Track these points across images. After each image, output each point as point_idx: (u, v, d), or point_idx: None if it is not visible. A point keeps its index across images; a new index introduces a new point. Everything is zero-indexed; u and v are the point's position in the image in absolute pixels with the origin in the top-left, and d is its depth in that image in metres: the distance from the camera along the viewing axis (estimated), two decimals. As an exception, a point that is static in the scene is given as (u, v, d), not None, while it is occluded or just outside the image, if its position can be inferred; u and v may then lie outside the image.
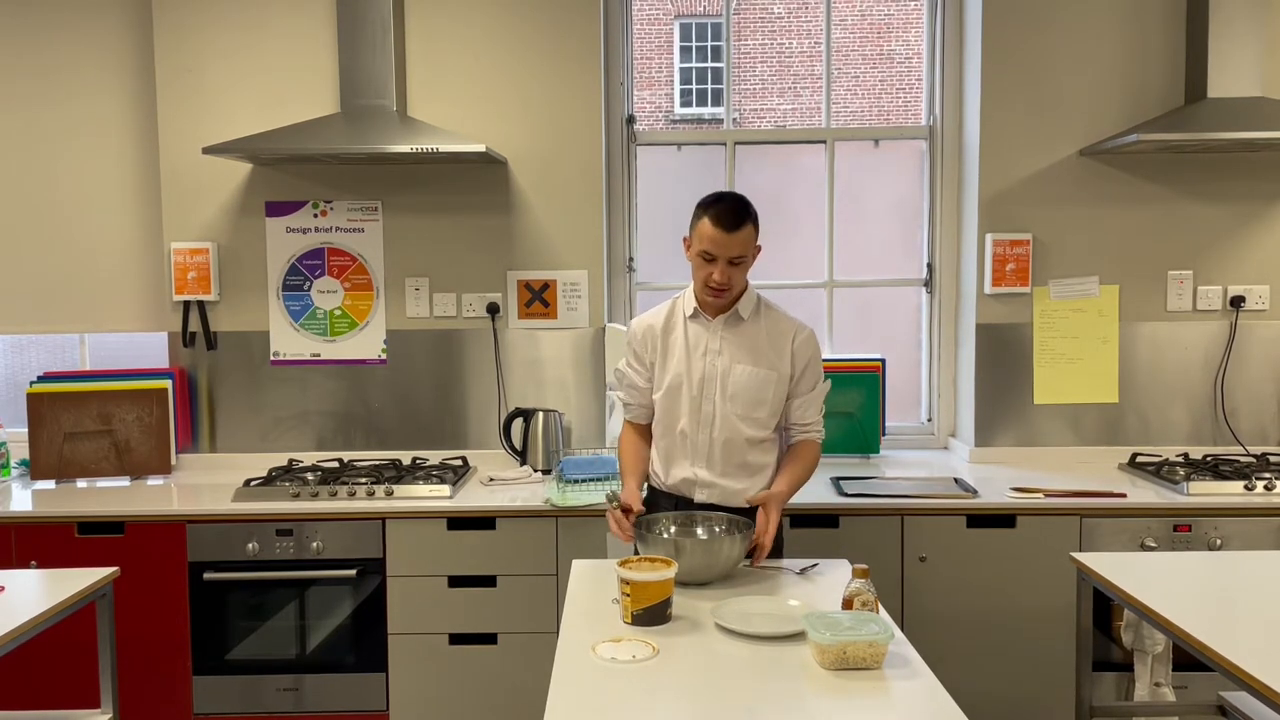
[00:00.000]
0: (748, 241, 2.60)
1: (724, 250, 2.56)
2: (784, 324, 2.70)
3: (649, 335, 2.75)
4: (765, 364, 2.66)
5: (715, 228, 2.56)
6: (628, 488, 2.67)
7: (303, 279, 3.79)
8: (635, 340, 2.79)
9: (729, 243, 2.56)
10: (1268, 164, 3.67)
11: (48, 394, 3.64)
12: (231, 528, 3.23)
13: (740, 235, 2.57)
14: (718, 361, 2.66)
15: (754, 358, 2.66)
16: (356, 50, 3.58)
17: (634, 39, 4.00)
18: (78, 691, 3.22)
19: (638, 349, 2.78)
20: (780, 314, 2.73)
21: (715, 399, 2.66)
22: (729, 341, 2.67)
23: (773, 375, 2.66)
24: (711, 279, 2.59)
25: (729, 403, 2.65)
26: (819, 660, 1.98)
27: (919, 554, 3.21)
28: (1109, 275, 3.71)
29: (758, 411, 2.66)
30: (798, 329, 2.70)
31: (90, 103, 3.83)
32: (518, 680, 3.24)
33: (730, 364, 2.66)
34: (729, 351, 2.67)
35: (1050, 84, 3.66)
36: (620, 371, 2.84)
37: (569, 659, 2.04)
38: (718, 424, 2.66)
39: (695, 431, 2.68)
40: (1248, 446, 3.68)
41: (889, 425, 3.96)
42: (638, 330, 2.79)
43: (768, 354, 2.67)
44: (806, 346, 2.70)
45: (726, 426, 2.65)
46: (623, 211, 3.94)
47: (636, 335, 2.78)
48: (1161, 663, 3.09)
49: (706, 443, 2.67)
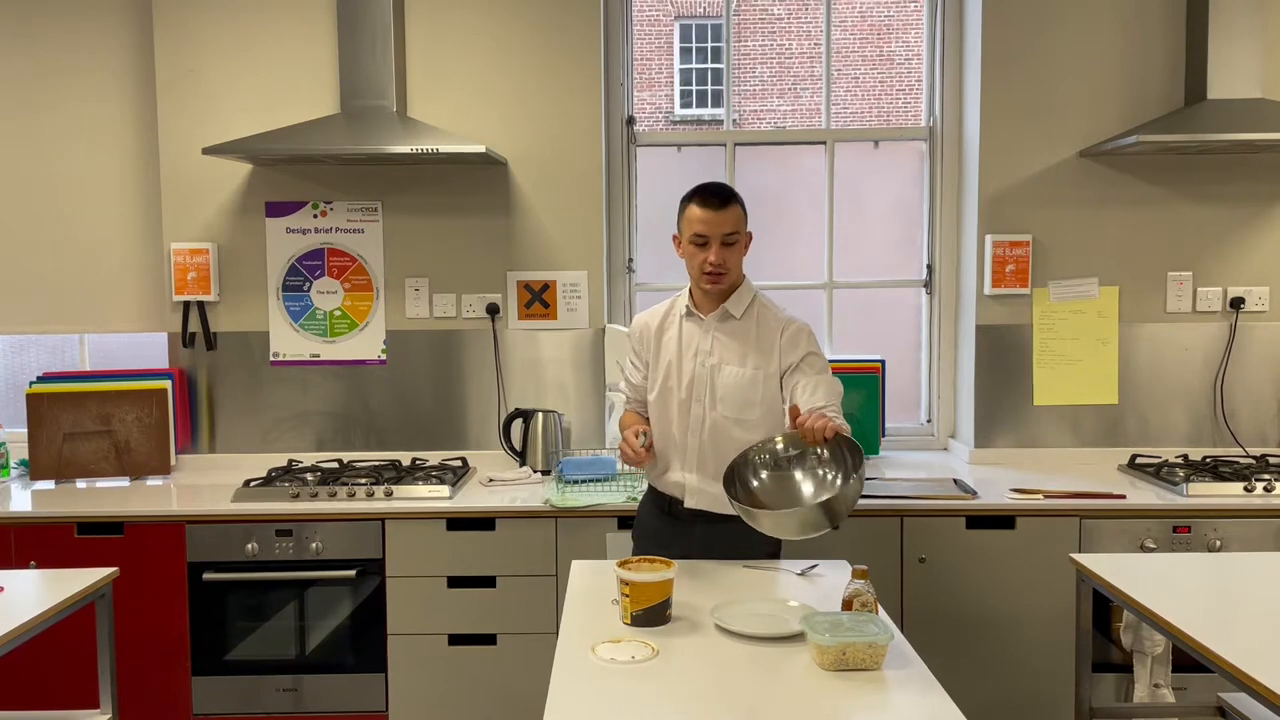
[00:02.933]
0: (739, 219, 2.60)
1: (716, 228, 2.56)
2: (773, 321, 2.65)
3: (645, 334, 2.76)
4: (751, 364, 2.61)
5: (703, 209, 2.57)
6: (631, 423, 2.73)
7: (303, 279, 3.79)
8: (634, 338, 2.81)
9: (719, 220, 2.56)
10: (1268, 165, 3.67)
11: (47, 394, 3.65)
12: (231, 528, 3.23)
13: (729, 212, 2.57)
14: (707, 363, 2.63)
15: (741, 358, 2.62)
16: (356, 51, 3.58)
17: (634, 40, 4.00)
18: (77, 691, 3.22)
19: (636, 347, 2.80)
20: (773, 311, 2.67)
21: (705, 402, 2.62)
22: (719, 342, 2.64)
23: (759, 374, 2.60)
24: (708, 261, 2.57)
25: (719, 405, 2.61)
26: (819, 661, 1.98)
27: (919, 555, 3.21)
28: (1109, 276, 3.71)
29: (748, 413, 2.61)
30: (786, 323, 2.63)
31: (91, 103, 3.83)
32: (517, 681, 3.24)
33: (720, 364, 2.63)
34: (719, 352, 2.64)
35: (1050, 85, 3.66)
36: (625, 370, 2.88)
37: (568, 660, 2.04)
38: (706, 428, 2.62)
39: (684, 435, 2.65)
40: (1247, 448, 3.68)
41: (889, 426, 3.96)
42: (635, 329, 2.80)
43: (755, 353, 2.62)
44: (797, 337, 2.60)
45: (716, 430, 2.62)
46: (622, 212, 3.94)
47: (634, 334, 2.80)
48: (1161, 664, 3.09)
49: (696, 446, 2.64)
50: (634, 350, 2.80)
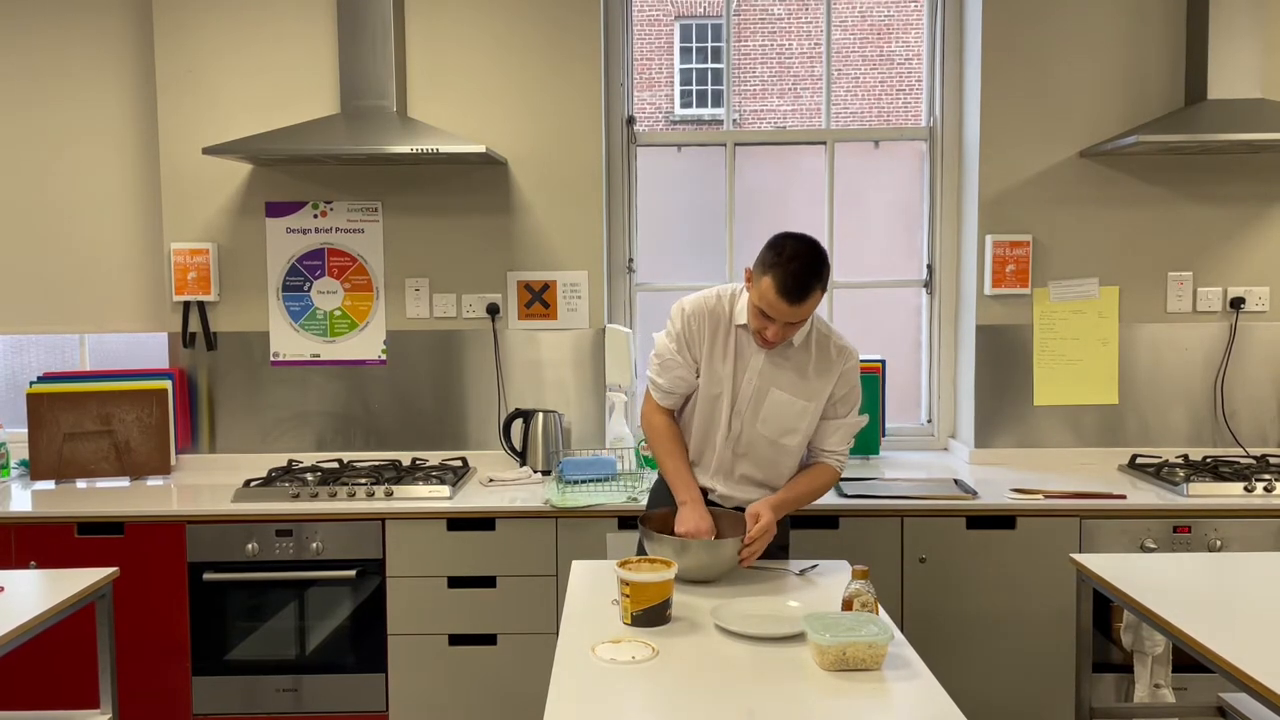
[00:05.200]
0: (812, 308, 2.41)
1: (783, 317, 2.39)
2: (833, 350, 2.57)
3: (701, 328, 2.56)
4: (804, 394, 2.55)
5: (779, 296, 2.35)
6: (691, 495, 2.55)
7: (303, 279, 3.79)
8: (690, 327, 2.57)
9: (790, 313, 2.38)
10: (1268, 165, 3.67)
11: (47, 394, 3.64)
12: (231, 528, 3.23)
13: (805, 306, 2.38)
14: (756, 380, 2.56)
15: (794, 386, 2.55)
16: (356, 51, 3.58)
17: (634, 40, 4.00)
18: (77, 691, 3.22)
19: (690, 337, 2.57)
20: (827, 336, 2.59)
21: (745, 417, 2.58)
22: (772, 364, 2.55)
23: (810, 406, 2.56)
24: (764, 334, 2.45)
25: (760, 424, 2.57)
26: (819, 661, 1.98)
27: (919, 555, 3.21)
28: (1109, 277, 3.71)
29: (788, 439, 2.59)
30: (845, 356, 2.57)
31: (91, 103, 3.83)
32: (517, 681, 3.24)
33: (768, 387, 2.55)
34: (770, 374, 2.55)
35: (1050, 85, 3.66)
36: (666, 359, 2.61)
37: (568, 660, 2.04)
38: (743, 443, 2.61)
39: (722, 447, 2.63)
40: (1248, 448, 3.68)
41: (889, 426, 3.96)
42: (692, 318, 2.57)
43: (810, 383, 2.55)
44: (851, 376, 2.59)
45: (753, 447, 2.60)
46: (623, 212, 3.94)
47: (690, 323, 2.57)
48: (1161, 664, 3.09)
49: (729, 459, 2.63)
50: (685, 341, 2.57)
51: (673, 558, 2.34)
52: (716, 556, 2.44)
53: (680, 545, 2.41)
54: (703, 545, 2.45)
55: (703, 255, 4.06)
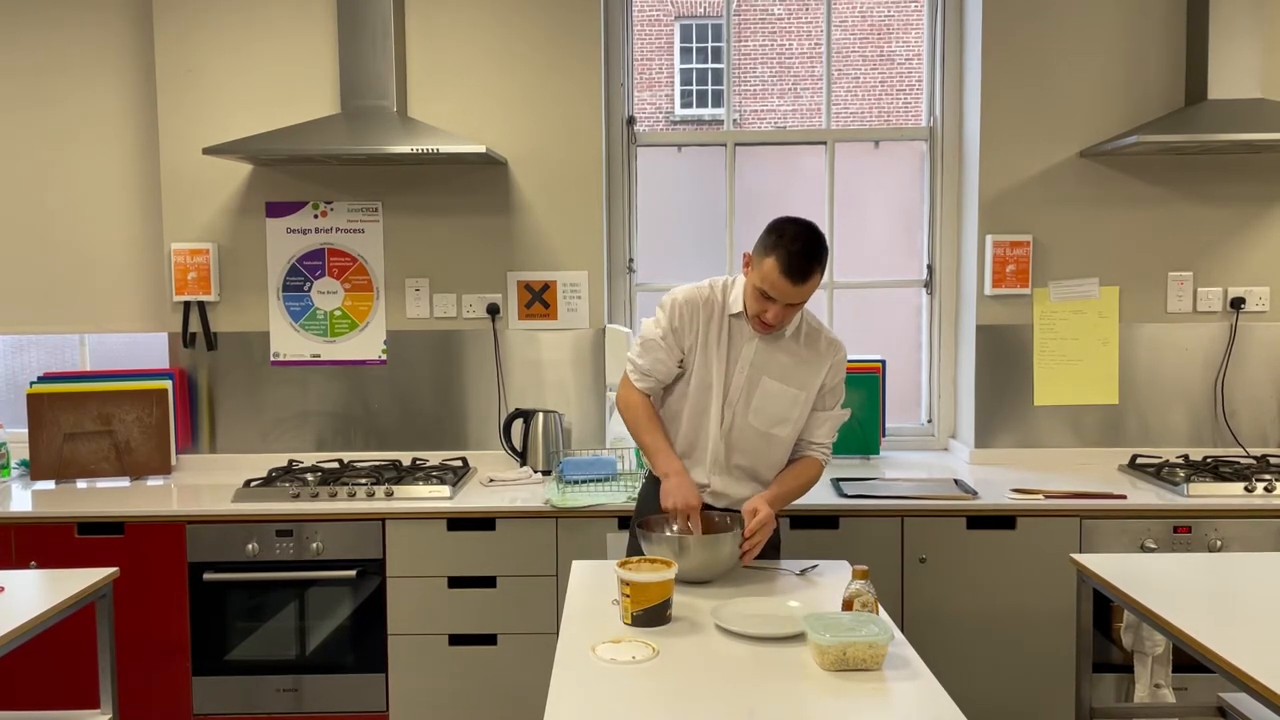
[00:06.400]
0: (812, 289, 2.45)
1: (785, 297, 2.42)
2: (822, 344, 2.61)
3: (694, 316, 2.58)
4: (795, 383, 2.58)
5: (783, 276, 2.38)
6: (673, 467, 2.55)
7: (303, 280, 3.79)
8: (679, 315, 2.59)
9: (793, 293, 2.41)
10: (1268, 165, 3.67)
11: (48, 394, 3.64)
12: (231, 528, 3.23)
13: (807, 286, 2.41)
14: (748, 370, 2.58)
15: (785, 375, 2.58)
16: (356, 50, 3.58)
17: (634, 40, 4.00)
18: (78, 692, 3.22)
19: (680, 325, 2.59)
20: (818, 330, 2.64)
21: (737, 408, 2.60)
22: (763, 353, 2.58)
23: (801, 395, 2.59)
24: (765, 316, 2.47)
25: (752, 415, 2.59)
26: (819, 661, 1.98)
27: (919, 555, 3.21)
28: (1109, 277, 3.71)
29: (779, 429, 2.61)
30: (833, 349, 2.62)
31: (90, 103, 3.83)
32: (517, 681, 3.24)
33: (760, 376, 2.58)
34: (761, 364, 2.58)
35: (1050, 85, 3.66)
36: (649, 340, 2.63)
37: (569, 660, 2.04)
38: (734, 434, 2.62)
39: (715, 438, 2.63)
40: (1248, 448, 3.68)
41: (889, 426, 3.96)
42: (683, 306, 2.59)
43: (800, 372, 2.59)
44: (839, 369, 2.64)
45: (744, 438, 2.61)
46: (623, 212, 3.94)
47: (682, 312, 2.59)
48: (1161, 664, 3.09)
49: (723, 451, 2.63)
50: (673, 329, 2.58)
51: (672, 558, 2.34)
52: (716, 554, 2.43)
53: (679, 545, 2.41)
54: (702, 543, 2.45)
55: (703, 255, 4.06)
